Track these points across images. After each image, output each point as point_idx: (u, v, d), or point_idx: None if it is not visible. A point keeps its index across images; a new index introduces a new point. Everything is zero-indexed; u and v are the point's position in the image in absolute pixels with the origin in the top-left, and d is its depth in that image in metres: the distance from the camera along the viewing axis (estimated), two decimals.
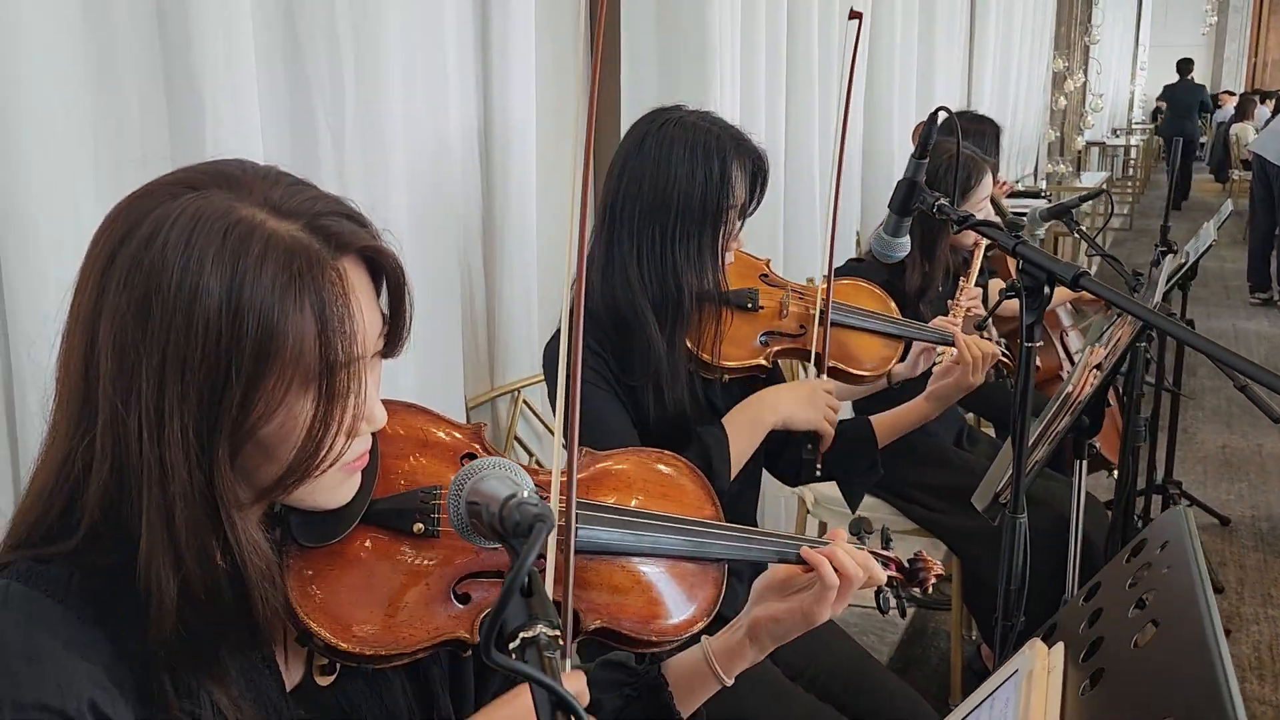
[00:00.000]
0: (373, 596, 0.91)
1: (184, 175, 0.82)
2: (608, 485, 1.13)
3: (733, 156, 1.66)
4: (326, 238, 0.81)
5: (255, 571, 0.82)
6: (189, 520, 0.78)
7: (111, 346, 0.76)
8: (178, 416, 0.76)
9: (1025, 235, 1.42)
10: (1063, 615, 0.97)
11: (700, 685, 1.15)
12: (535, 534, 0.66)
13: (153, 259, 0.76)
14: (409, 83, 1.78)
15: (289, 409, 0.80)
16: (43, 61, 1.23)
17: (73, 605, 0.79)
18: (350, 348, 0.80)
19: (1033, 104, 7.71)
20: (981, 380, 1.97)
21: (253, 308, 0.76)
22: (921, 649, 3.22)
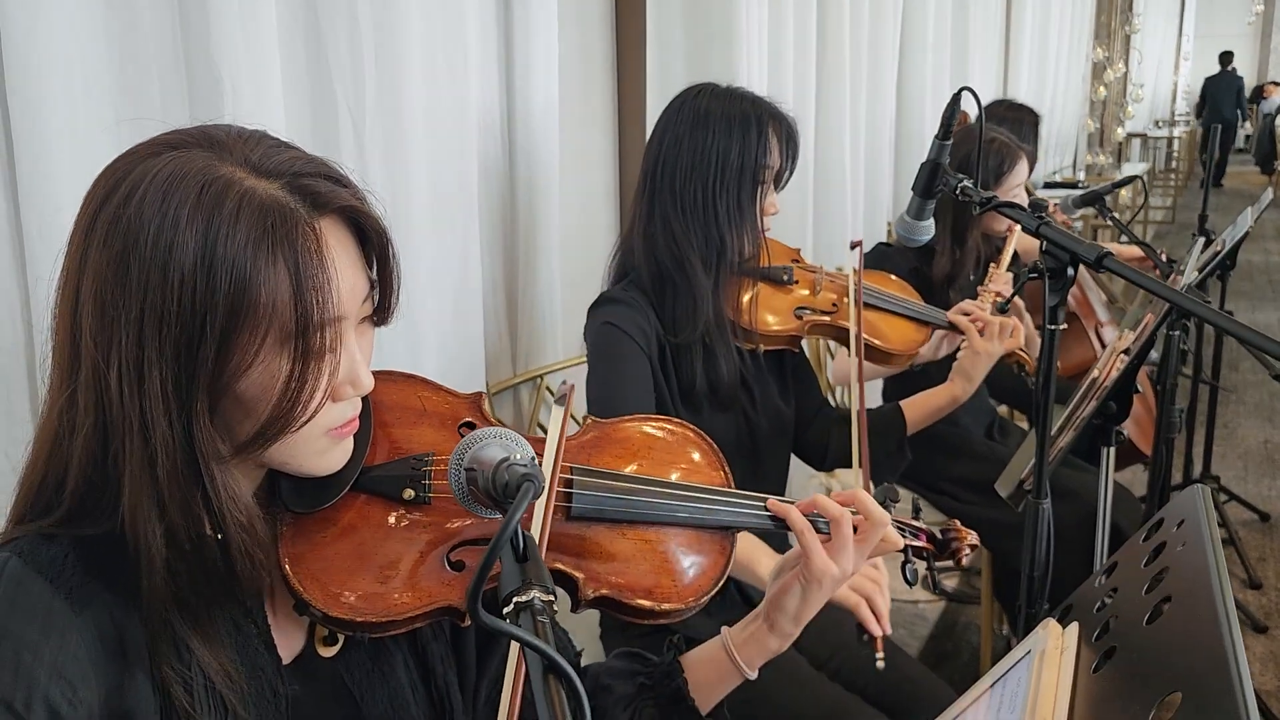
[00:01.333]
0: (364, 563, 0.90)
1: (168, 136, 0.83)
2: (611, 452, 1.11)
3: (769, 121, 1.73)
4: (305, 196, 0.81)
5: (233, 523, 0.83)
6: (170, 471, 0.79)
7: (93, 303, 0.78)
8: (156, 369, 0.77)
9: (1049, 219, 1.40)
10: (1079, 595, 0.95)
11: (721, 677, 1.11)
12: (523, 493, 0.65)
13: (130, 216, 0.77)
14: (430, 66, 1.78)
15: (265, 365, 0.80)
16: (64, 44, 1.24)
17: (63, 585, 0.80)
18: (326, 307, 0.80)
19: (1072, 94, 7.60)
20: (998, 347, 1.95)
21: (226, 263, 0.76)
22: (952, 643, 3.18)
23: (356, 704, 0.95)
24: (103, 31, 1.32)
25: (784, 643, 1.10)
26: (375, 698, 0.96)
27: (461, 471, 0.81)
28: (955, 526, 1.30)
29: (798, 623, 1.08)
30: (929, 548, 1.28)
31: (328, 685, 0.94)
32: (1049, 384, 1.35)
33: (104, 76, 1.33)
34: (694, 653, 1.13)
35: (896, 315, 2.05)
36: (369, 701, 0.95)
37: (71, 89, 1.26)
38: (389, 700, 0.96)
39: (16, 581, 0.79)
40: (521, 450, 0.78)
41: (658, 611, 1.00)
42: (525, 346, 2.21)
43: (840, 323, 1.91)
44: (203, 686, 0.83)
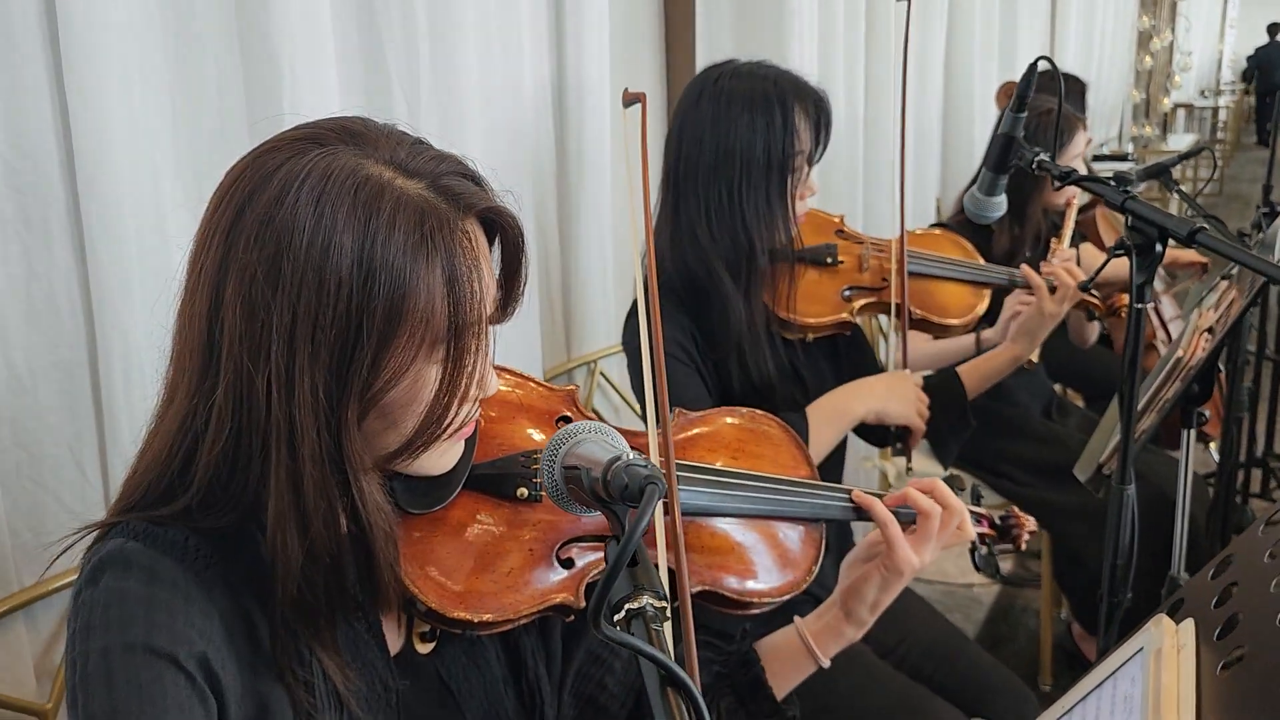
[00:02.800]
0: (477, 562, 0.90)
1: (309, 131, 0.80)
2: (702, 446, 1.11)
3: (794, 102, 1.61)
4: (452, 198, 0.79)
5: (380, 533, 0.81)
6: (317, 482, 0.77)
7: (240, 305, 0.74)
8: (308, 376, 0.74)
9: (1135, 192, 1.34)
10: (1189, 590, 0.91)
11: (795, 666, 1.12)
12: (648, 497, 0.62)
13: (283, 216, 0.74)
14: (483, 47, 1.75)
15: (416, 372, 0.78)
16: (121, 32, 1.22)
17: (190, 565, 0.78)
18: (477, 309, 0.79)
19: (1117, 64, 7.44)
20: (1062, 309, 1.89)
21: (385, 267, 0.74)
22: (1008, 627, 3.14)
23: (455, 699, 0.94)
24: (159, 19, 1.30)
25: (860, 631, 1.12)
26: (472, 691, 0.95)
27: (558, 470, 0.77)
28: (1014, 512, 1.36)
29: (874, 611, 1.11)
30: (990, 533, 1.32)
31: (427, 681, 0.94)
32: (1135, 365, 1.30)
33: (160, 63, 1.31)
34: (767, 641, 1.14)
35: (950, 280, 1.94)
36: (465, 695, 0.95)
37: (129, 77, 1.24)
38: (484, 693, 0.96)
39: (148, 557, 0.77)
40: (625, 448, 0.74)
41: (754, 603, 1.01)
42: (579, 331, 2.18)
43: (889, 299, 1.81)
44: (323, 686, 0.82)
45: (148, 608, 0.75)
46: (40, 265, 1.24)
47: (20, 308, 1.23)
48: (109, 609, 0.75)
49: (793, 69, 1.70)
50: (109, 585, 0.76)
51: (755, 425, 1.17)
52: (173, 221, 1.31)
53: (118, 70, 1.22)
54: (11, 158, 1.20)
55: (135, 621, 0.74)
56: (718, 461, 1.10)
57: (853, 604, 1.11)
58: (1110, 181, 1.34)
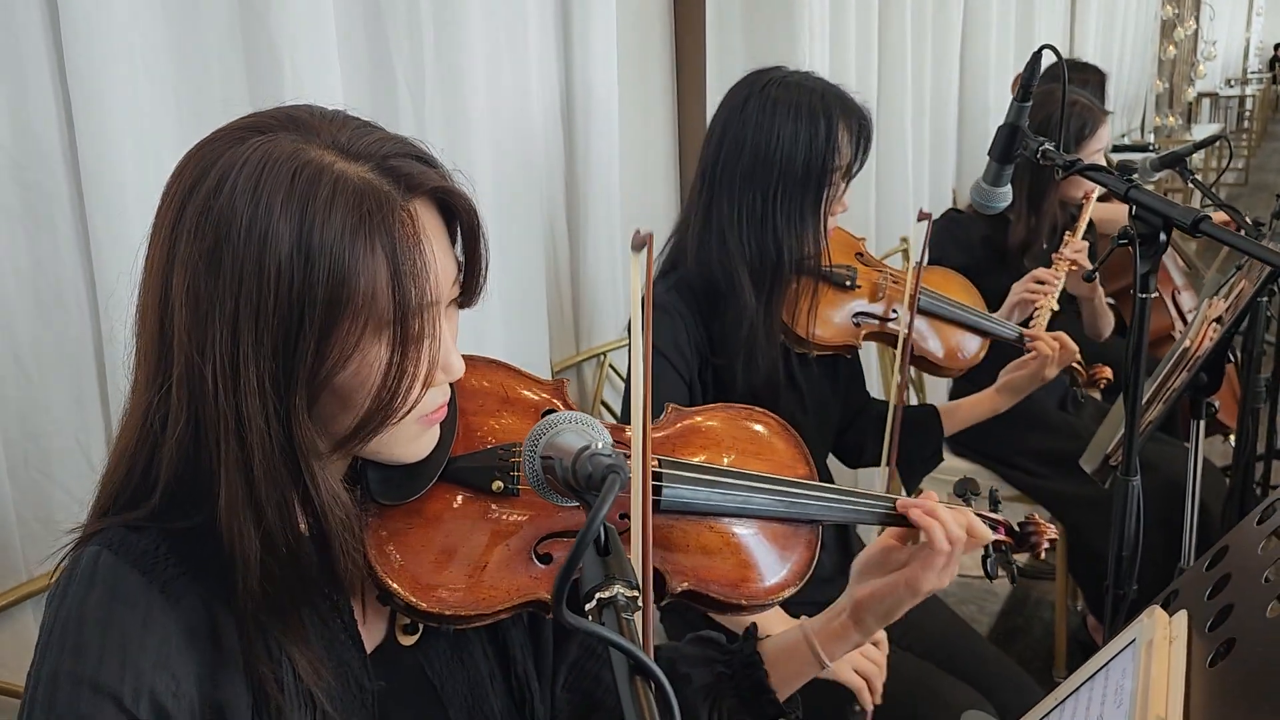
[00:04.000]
0: (452, 556, 0.88)
1: (251, 120, 0.79)
2: (696, 443, 1.09)
3: (839, 117, 1.61)
4: (397, 179, 0.78)
5: (336, 522, 0.80)
6: (267, 471, 0.76)
7: (185, 297, 0.74)
8: (253, 365, 0.74)
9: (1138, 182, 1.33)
10: (1184, 582, 0.90)
11: (799, 667, 1.09)
12: (608, 486, 0.62)
13: (221, 206, 0.73)
14: (490, 49, 1.76)
15: (364, 355, 0.77)
16: (124, 26, 1.23)
17: (157, 578, 0.78)
18: (424, 291, 0.77)
19: (1140, 53, 7.36)
20: (1055, 374, 1.92)
21: (324, 252, 0.73)
22: (1024, 619, 3.12)
23: (437, 693, 0.93)
24: (162, 12, 1.31)
25: (866, 637, 1.10)
26: (455, 686, 0.94)
27: (537, 460, 0.77)
28: (1035, 520, 1.28)
29: (884, 622, 1.09)
30: (1008, 541, 1.27)
31: (409, 675, 0.93)
32: (1140, 356, 1.29)
33: (164, 58, 1.32)
34: (772, 643, 1.11)
35: (955, 325, 1.97)
36: (449, 690, 0.94)
37: (133, 70, 1.25)
38: (469, 688, 0.95)
39: (114, 573, 0.77)
40: (601, 437, 0.74)
41: (744, 605, 0.98)
42: (587, 326, 2.19)
43: (894, 331, 1.83)
44: (293, 683, 0.82)
45: (103, 637, 0.75)
46: (46, 258, 1.25)
47: (27, 300, 1.24)
48: (67, 629, 0.75)
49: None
50: (72, 602, 0.76)
51: (752, 422, 1.15)
52: None
53: (121, 65, 1.23)
54: (16, 152, 1.21)
55: (88, 651, 0.74)
56: (706, 457, 1.07)
57: (864, 614, 1.08)
58: (1114, 171, 1.33)
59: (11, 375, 1.23)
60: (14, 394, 1.23)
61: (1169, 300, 3.36)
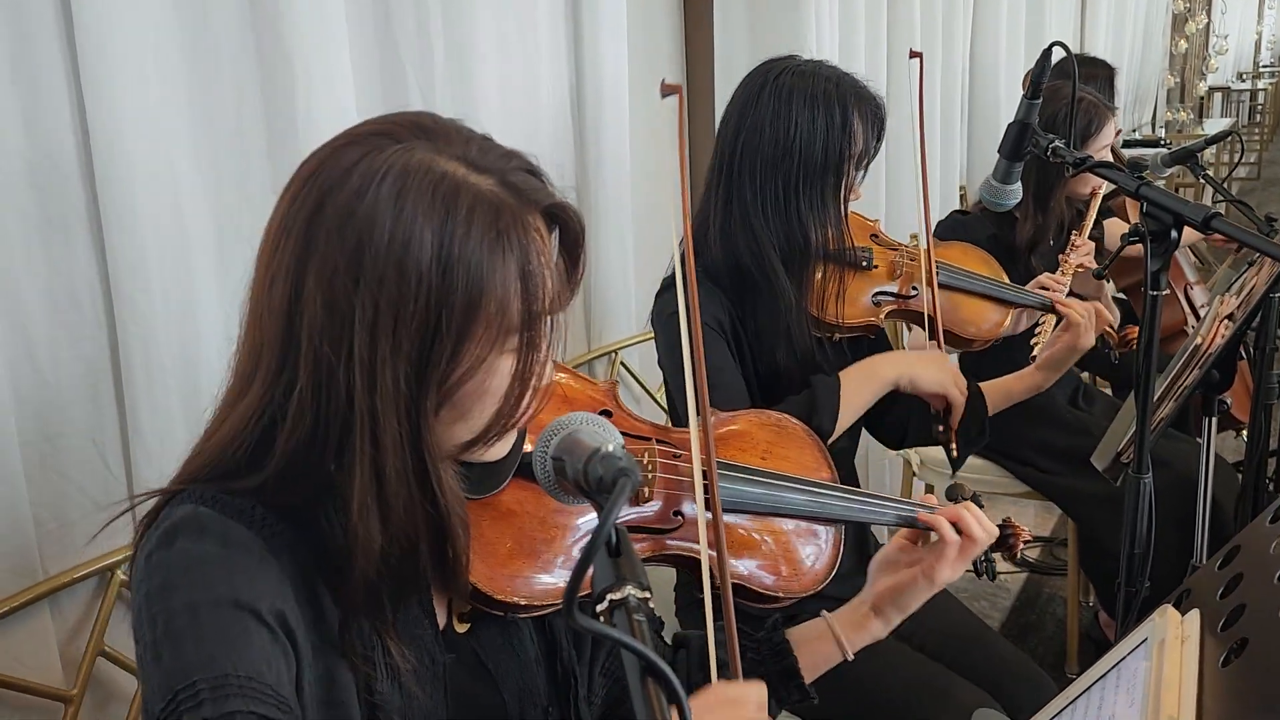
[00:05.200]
0: (525, 548, 0.92)
1: (382, 127, 0.82)
2: (734, 445, 1.16)
3: (853, 105, 1.63)
4: (520, 194, 0.81)
5: (457, 519, 0.84)
6: (399, 470, 0.79)
7: (321, 298, 0.77)
8: (390, 368, 0.76)
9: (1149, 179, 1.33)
10: (1196, 581, 0.90)
11: (822, 657, 1.14)
12: (619, 488, 0.62)
13: (364, 211, 0.76)
14: (500, 47, 1.76)
15: (491, 363, 0.80)
16: (136, 28, 1.24)
17: (259, 530, 0.80)
18: (547, 302, 0.81)
19: (1151, 47, 7.32)
20: (1093, 341, 1.90)
21: (463, 262, 0.76)
22: (1036, 615, 3.11)
23: (492, 675, 0.97)
24: (174, 16, 1.32)
25: (887, 629, 1.15)
26: (508, 670, 0.98)
27: (549, 461, 0.78)
28: (1010, 522, 1.35)
29: (904, 613, 1.15)
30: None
31: (467, 659, 0.96)
32: (1151, 352, 1.29)
33: (177, 63, 1.33)
34: (796, 631, 1.15)
35: (977, 296, 1.97)
36: (502, 675, 0.97)
37: (145, 75, 1.26)
38: (519, 674, 0.99)
39: (220, 523, 0.79)
40: (614, 440, 0.75)
41: (782, 598, 1.06)
42: (599, 322, 2.19)
43: (917, 308, 1.84)
44: (382, 659, 0.85)
45: (228, 568, 0.77)
46: (61, 261, 1.26)
47: (43, 303, 1.25)
48: (189, 569, 0.77)
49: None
50: (185, 548, 0.78)
51: (781, 426, 1.22)
52: (189, 217, 1.33)
53: (134, 70, 1.24)
54: (31, 156, 1.22)
55: (217, 580, 0.76)
56: (748, 460, 1.15)
57: (885, 605, 1.14)
58: (1125, 168, 1.33)
59: (27, 376, 1.24)
60: (30, 395, 1.24)
61: (1181, 295, 3.35)
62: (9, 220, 1.22)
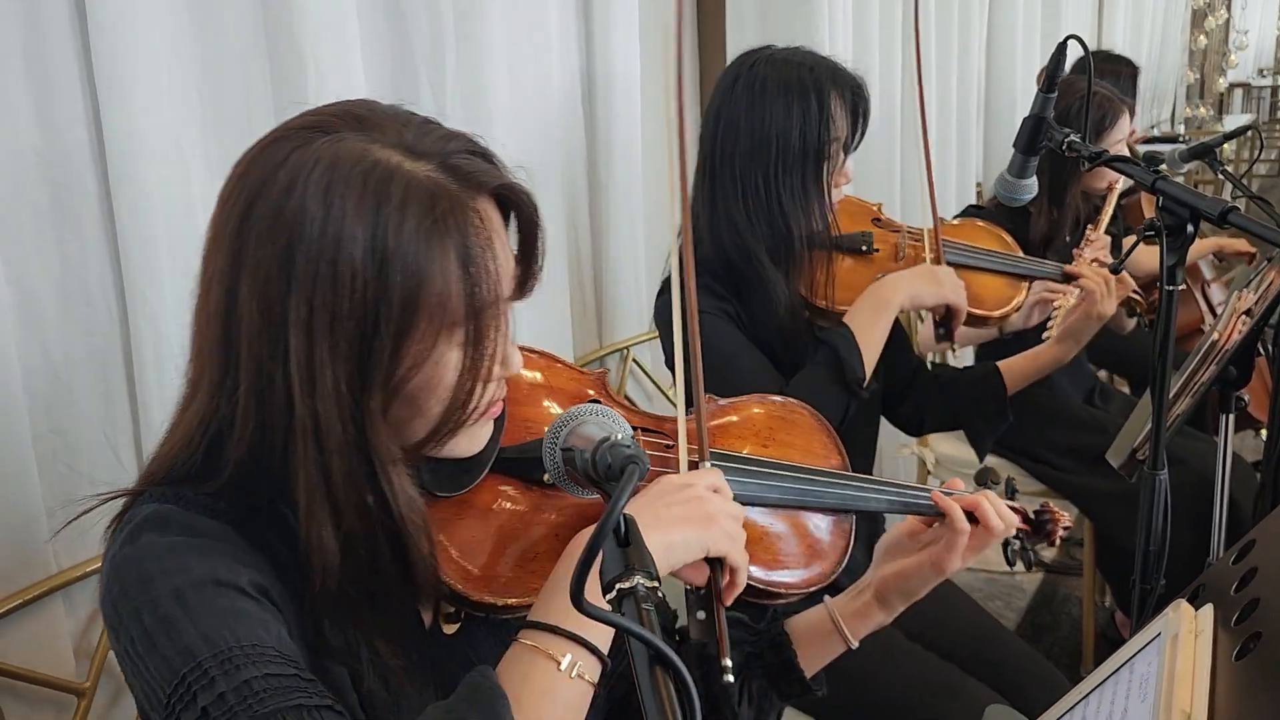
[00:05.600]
0: (505, 547, 0.89)
1: (314, 119, 0.78)
2: (734, 434, 1.10)
3: (829, 88, 1.60)
4: (462, 177, 0.77)
5: (412, 526, 0.80)
6: (346, 475, 0.76)
7: (255, 302, 0.74)
8: (330, 369, 0.73)
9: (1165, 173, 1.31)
10: (1210, 575, 0.89)
11: (824, 647, 1.11)
12: (628, 476, 0.62)
13: (293, 208, 0.73)
14: (511, 41, 1.76)
15: (438, 357, 0.77)
16: (148, 25, 1.25)
17: (227, 520, 0.78)
18: (494, 290, 0.77)
19: (1170, 43, 7.27)
20: (1113, 310, 1.87)
21: (398, 254, 0.73)
22: (1051, 615, 3.10)
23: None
24: (186, 13, 1.32)
25: (890, 617, 1.12)
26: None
27: (558, 452, 0.78)
28: (1049, 507, 1.31)
29: (908, 601, 1.11)
30: (1025, 529, 1.28)
31: (455, 660, 0.93)
32: (1167, 349, 1.28)
33: (188, 58, 1.33)
34: (797, 621, 1.13)
35: (988, 272, 1.92)
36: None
37: (157, 71, 1.26)
38: None
39: (184, 516, 0.78)
40: (622, 429, 0.74)
41: (783, 594, 0.99)
42: (610, 319, 2.18)
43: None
44: (366, 654, 0.82)
45: (200, 551, 0.75)
46: (74, 256, 1.27)
47: (55, 298, 1.26)
48: (163, 558, 0.75)
49: (825, 51, 1.69)
50: (152, 540, 0.76)
51: (787, 413, 1.16)
52: (201, 212, 1.33)
53: (146, 65, 1.24)
54: (45, 152, 1.23)
55: (193, 563, 0.74)
56: (746, 449, 1.09)
57: (889, 593, 1.10)
58: (1140, 163, 1.32)
59: (40, 371, 1.25)
60: (43, 389, 1.25)
61: (1199, 294, 3.32)
62: (23, 215, 1.22)
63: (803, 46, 1.68)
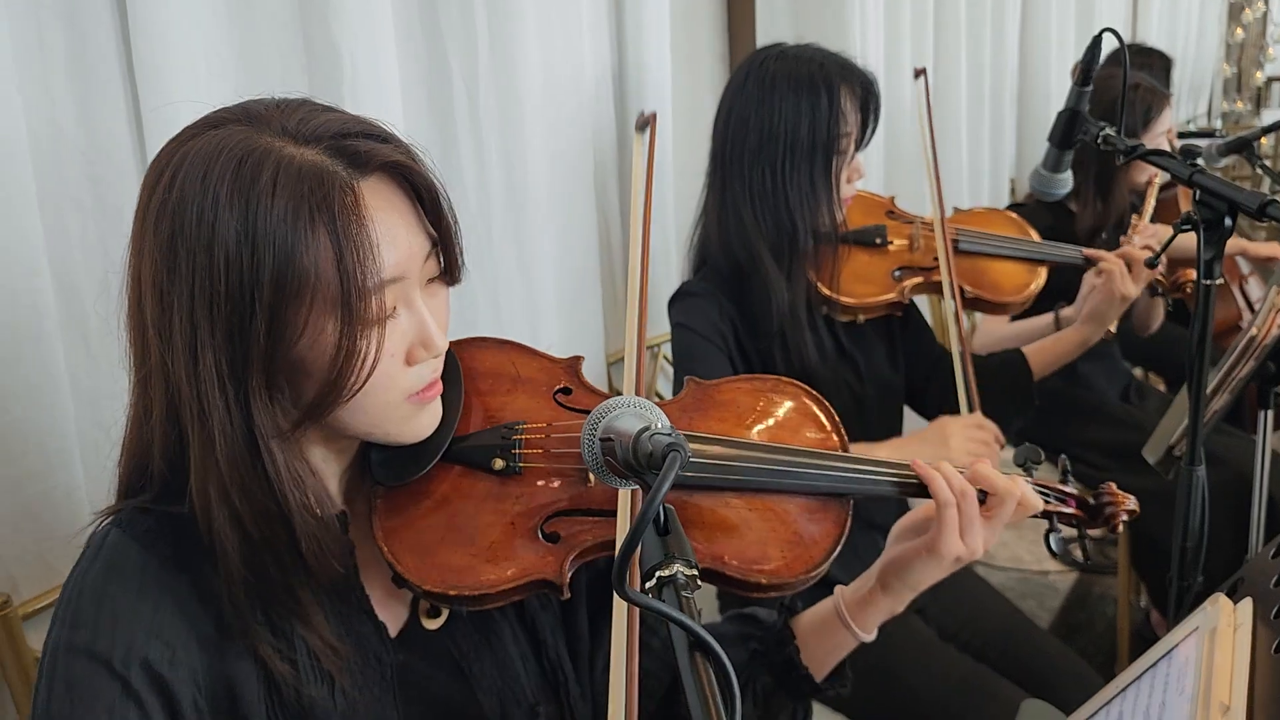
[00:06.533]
0: (458, 536, 0.88)
1: (210, 116, 0.81)
2: (714, 415, 1.04)
3: (839, 84, 1.61)
4: (346, 158, 0.78)
5: (296, 504, 0.81)
6: (229, 454, 0.78)
7: (151, 290, 0.77)
8: (210, 352, 0.76)
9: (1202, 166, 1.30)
10: (1249, 570, 0.89)
11: (834, 639, 1.06)
12: (669, 463, 0.62)
13: (175, 199, 0.76)
14: (543, 35, 1.77)
15: (315, 333, 0.78)
16: (188, 25, 1.27)
17: (156, 553, 0.82)
18: (371, 271, 0.77)
19: (1206, 36, 7.17)
20: (1135, 291, 1.85)
21: (267, 237, 0.74)
22: (1085, 614, 3.07)
23: (464, 675, 0.94)
24: (225, 12, 1.34)
25: (898, 605, 1.06)
26: (484, 668, 0.95)
27: (596, 443, 0.78)
28: (1111, 490, 1.17)
29: (914, 590, 1.05)
30: (1079, 514, 1.16)
31: (435, 657, 0.93)
32: (1204, 344, 1.26)
33: (226, 56, 1.35)
34: (806, 616, 1.10)
35: (1002, 258, 1.92)
36: (476, 673, 0.94)
37: (196, 69, 1.28)
38: (498, 671, 0.95)
39: (116, 549, 0.82)
40: (659, 419, 0.75)
41: (765, 585, 0.92)
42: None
43: (940, 279, 1.79)
44: (307, 660, 0.84)
45: (97, 608, 0.79)
46: (116, 251, 1.27)
47: (97, 290, 1.28)
48: (70, 603, 0.80)
49: (855, 51, 1.69)
50: (77, 575, 0.81)
51: (777, 391, 1.08)
52: None
53: (186, 64, 1.26)
54: (88, 149, 1.25)
55: (84, 621, 0.78)
56: (731, 431, 1.02)
57: (891, 579, 1.05)
58: (1177, 156, 1.31)
59: (83, 363, 1.27)
60: (85, 382, 1.27)
61: (1236, 290, 3.28)
62: (68, 213, 1.25)
63: (814, 44, 1.69)
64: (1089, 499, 1.18)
